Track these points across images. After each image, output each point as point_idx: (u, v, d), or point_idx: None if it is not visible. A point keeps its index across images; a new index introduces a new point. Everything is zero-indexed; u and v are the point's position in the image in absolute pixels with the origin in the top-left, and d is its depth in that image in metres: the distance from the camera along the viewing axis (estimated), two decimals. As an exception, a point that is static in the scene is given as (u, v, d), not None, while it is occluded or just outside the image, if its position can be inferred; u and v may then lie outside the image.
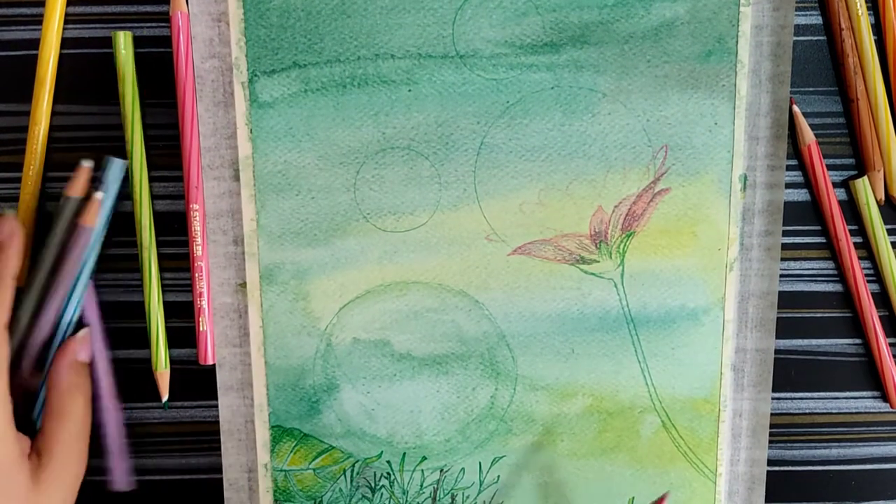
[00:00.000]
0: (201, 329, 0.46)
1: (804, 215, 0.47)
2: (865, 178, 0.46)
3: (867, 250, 0.47)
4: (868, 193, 0.46)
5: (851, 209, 0.47)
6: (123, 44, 0.44)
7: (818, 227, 0.47)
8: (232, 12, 0.44)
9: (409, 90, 0.45)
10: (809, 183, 0.47)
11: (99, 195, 0.44)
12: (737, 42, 0.45)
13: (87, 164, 0.45)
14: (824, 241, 0.47)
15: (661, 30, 0.45)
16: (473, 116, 0.45)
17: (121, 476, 0.47)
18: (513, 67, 0.45)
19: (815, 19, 0.46)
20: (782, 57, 0.45)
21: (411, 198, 0.46)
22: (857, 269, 0.47)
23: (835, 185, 0.47)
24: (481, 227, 0.46)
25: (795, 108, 0.46)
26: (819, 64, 0.46)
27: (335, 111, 0.45)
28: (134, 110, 0.44)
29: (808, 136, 0.46)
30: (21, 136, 0.45)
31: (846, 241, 0.46)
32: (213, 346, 0.46)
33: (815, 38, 0.46)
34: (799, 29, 0.46)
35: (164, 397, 0.47)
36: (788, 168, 0.47)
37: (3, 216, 0.43)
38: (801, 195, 0.47)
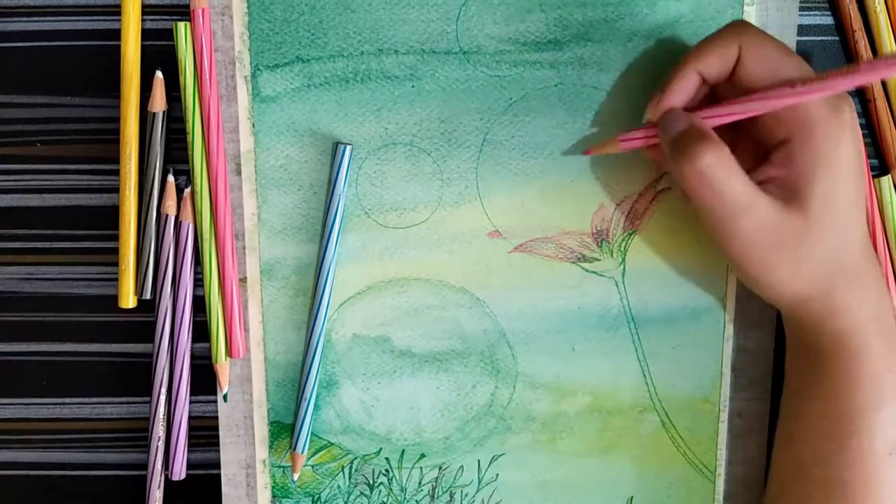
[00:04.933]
0: (235, 323, 0.46)
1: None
2: (889, 176, 0.46)
3: (887, 250, 0.47)
4: (891, 192, 0.46)
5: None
6: (184, 35, 0.44)
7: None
8: (236, 6, 0.44)
9: (413, 86, 0.45)
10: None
11: (187, 191, 0.45)
12: (740, 41, 0.45)
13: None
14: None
15: (664, 28, 0.45)
16: (476, 113, 0.45)
17: (180, 467, 0.47)
18: (516, 64, 0.45)
19: (820, 20, 0.46)
20: (786, 57, 0.45)
21: (413, 194, 0.46)
22: (889, 264, 0.46)
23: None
24: (483, 223, 0.46)
25: None
26: (824, 63, 0.46)
27: (338, 106, 0.45)
28: (195, 104, 0.44)
29: None
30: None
31: (882, 237, 0.46)
32: (244, 340, 0.46)
33: (821, 38, 0.46)
34: (804, 29, 0.46)
35: (224, 389, 0.47)
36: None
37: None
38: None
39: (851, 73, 0.37)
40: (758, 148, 0.41)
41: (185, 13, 0.45)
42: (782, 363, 0.47)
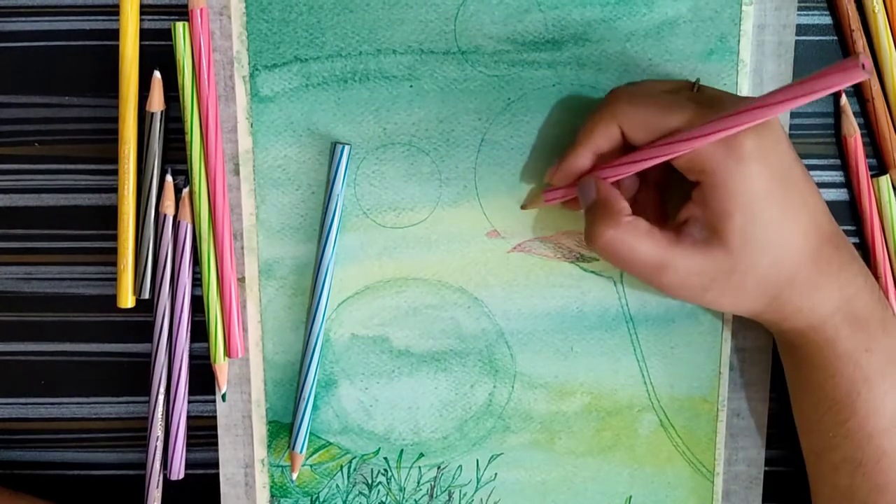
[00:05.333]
0: (233, 323, 0.46)
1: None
2: (888, 175, 0.46)
3: (886, 250, 0.47)
4: (890, 192, 0.46)
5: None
6: (182, 35, 0.44)
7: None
8: (234, 6, 0.44)
9: (411, 86, 0.45)
10: (848, 180, 0.47)
11: (185, 191, 0.45)
12: (738, 41, 0.45)
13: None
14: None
15: (662, 28, 0.45)
16: (475, 113, 0.45)
17: (178, 466, 0.47)
18: (514, 64, 0.45)
19: (819, 19, 0.46)
20: (784, 56, 0.45)
21: (411, 194, 0.46)
22: (888, 263, 0.46)
23: (848, 184, 0.47)
24: (481, 223, 0.46)
25: (844, 99, 0.46)
26: (822, 64, 0.46)
27: (336, 106, 0.45)
28: (193, 104, 0.44)
29: (853, 128, 0.46)
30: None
31: (881, 238, 0.46)
32: (243, 339, 0.46)
33: (819, 38, 0.46)
34: (802, 29, 0.46)
35: (223, 389, 0.47)
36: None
37: None
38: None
39: (723, 119, 0.37)
40: (684, 184, 0.42)
41: (183, 13, 0.45)
42: (781, 363, 0.47)
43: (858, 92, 0.46)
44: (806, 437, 0.45)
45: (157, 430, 0.46)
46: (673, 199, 0.43)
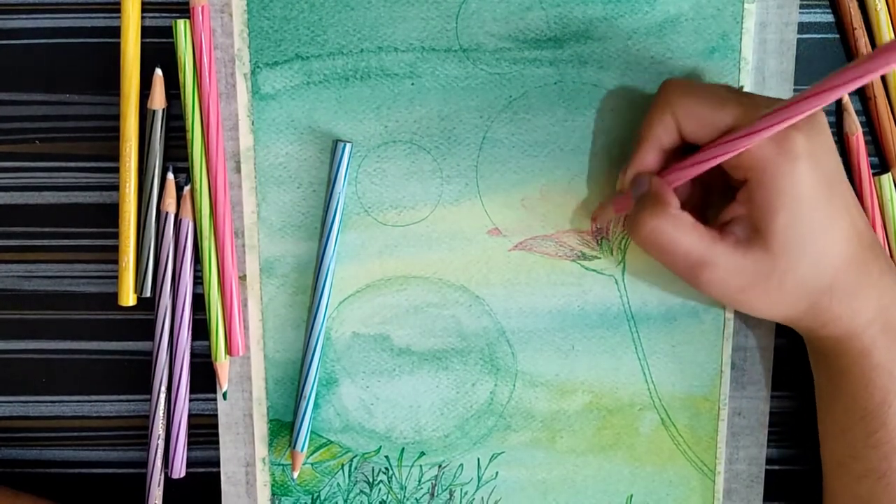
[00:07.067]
0: (234, 321, 0.46)
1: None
2: (889, 174, 0.46)
3: (888, 248, 0.47)
4: (892, 190, 0.46)
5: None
6: (184, 33, 0.44)
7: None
8: (235, 3, 0.44)
9: (412, 84, 0.45)
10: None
11: (187, 189, 0.45)
12: (741, 39, 0.45)
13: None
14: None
15: (664, 26, 0.45)
16: (476, 111, 0.45)
17: (179, 465, 0.47)
18: (516, 62, 0.45)
19: (821, 17, 0.46)
20: (786, 54, 0.45)
21: (413, 192, 0.46)
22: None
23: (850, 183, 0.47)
24: (483, 221, 0.46)
25: (846, 97, 0.46)
26: (824, 62, 0.46)
27: (337, 104, 0.45)
28: (194, 101, 0.44)
29: (855, 126, 0.46)
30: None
31: (883, 236, 0.46)
32: (244, 338, 0.46)
33: (821, 35, 0.46)
34: (805, 27, 0.46)
35: (224, 387, 0.46)
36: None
37: None
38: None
39: (779, 111, 0.36)
40: (729, 185, 0.41)
41: (184, 11, 0.44)
42: (782, 362, 0.47)
43: (860, 90, 0.46)
44: (829, 445, 0.44)
45: (159, 429, 0.46)
46: (715, 202, 0.43)
